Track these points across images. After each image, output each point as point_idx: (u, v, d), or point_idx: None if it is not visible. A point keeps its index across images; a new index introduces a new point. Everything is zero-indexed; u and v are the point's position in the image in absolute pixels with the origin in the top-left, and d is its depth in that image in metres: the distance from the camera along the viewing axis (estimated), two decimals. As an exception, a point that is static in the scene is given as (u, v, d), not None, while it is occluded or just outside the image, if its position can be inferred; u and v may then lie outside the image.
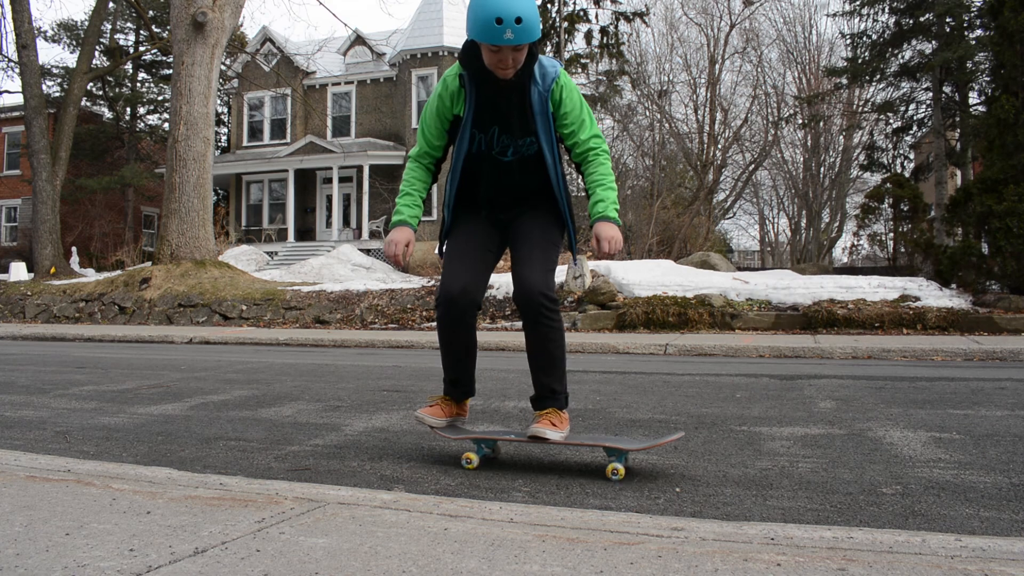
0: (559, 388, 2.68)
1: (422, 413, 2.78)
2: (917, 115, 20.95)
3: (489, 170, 2.69)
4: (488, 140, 2.63)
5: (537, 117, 2.57)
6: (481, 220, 2.78)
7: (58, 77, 28.71)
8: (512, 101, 2.57)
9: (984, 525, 2.01)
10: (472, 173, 2.69)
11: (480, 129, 2.62)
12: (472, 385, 2.84)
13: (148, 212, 32.39)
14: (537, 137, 2.60)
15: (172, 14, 14.26)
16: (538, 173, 2.68)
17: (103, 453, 3.00)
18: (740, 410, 3.89)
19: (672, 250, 21.35)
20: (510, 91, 2.55)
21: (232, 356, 7.58)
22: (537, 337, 2.65)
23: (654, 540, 1.68)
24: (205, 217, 14.14)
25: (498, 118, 2.60)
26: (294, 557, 1.57)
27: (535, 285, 2.59)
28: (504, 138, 2.63)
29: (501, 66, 2.44)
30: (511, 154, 2.65)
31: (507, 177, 2.70)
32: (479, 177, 2.71)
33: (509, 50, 2.39)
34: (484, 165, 2.68)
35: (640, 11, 24.22)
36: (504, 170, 2.68)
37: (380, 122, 26.94)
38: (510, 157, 2.65)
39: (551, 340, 2.64)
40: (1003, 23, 10.58)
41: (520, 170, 2.68)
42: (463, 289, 2.63)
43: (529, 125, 2.59)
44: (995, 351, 6.67)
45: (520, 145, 2.64)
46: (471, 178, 2.71)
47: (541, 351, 2.67)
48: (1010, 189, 9.96)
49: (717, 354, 7.22)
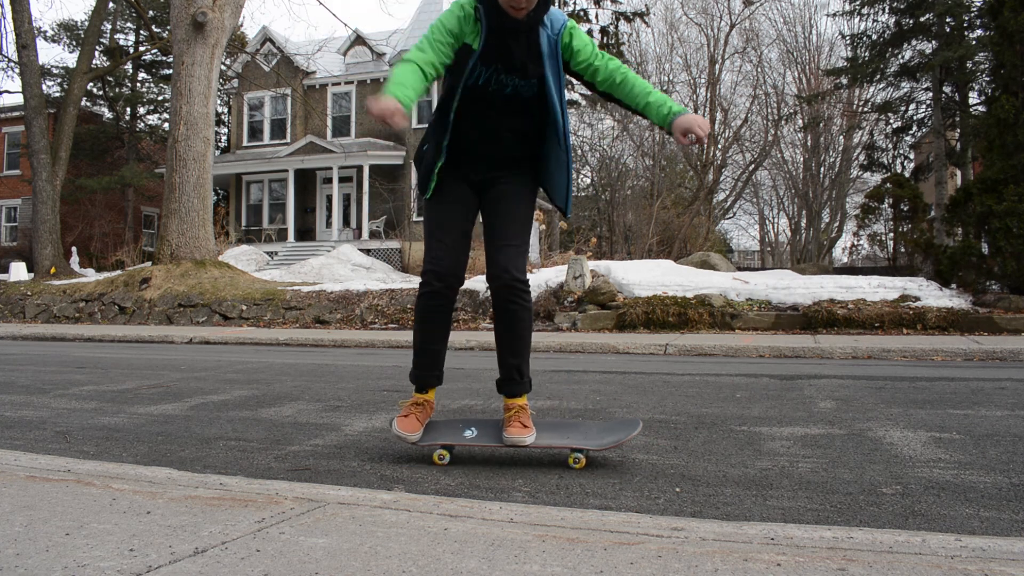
0: (525, 370, 2.72)
1: (399, 431, 2.71)
2: (917, 115, 20.97)
3: (484, 109, 2.62)
4: (488, 76, 2.58)
5: (546, 59, 2.57)
6: (461, 182, 2.71)
7: (58, 77, 28.72)
8: (520, 41, 2.56)
9: (984, 525, 2.01)
10: (465, 112, 2.60)
11: (485, 64, 2.57)
12: (442, 374, 2.81)
13: (148, 212, 32.39)
14: (544, 78, 2.58)
15: (172, 14, 14.26)
16: (530, 115, 2.65)
17: (103, 453, 3.00)
18: (740, 410, 3.89)
19: (672, 250, 21.36)
20: (519, 32, 2.54)
21: (232, 356, 7.58)
22: (508, 319, 2.66)
23: (654, 540, 1.68)
24: (205, 217, 14.14)
25: (503, 56, 2.56)
26: (294, 557, 1.57)
27: (508, 267, 2.61)
28: (504, 77, 2.59)
29: (515, 4, 2.45)
30: (510, 91, 2.61)
31: (500, 117, 2.63)
32: (471, 117, 2.62)
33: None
34: (479, 103, 2.60)
35: (640, 11, 24.26)
36: (499, 109, 2.62)
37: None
38: (509, 92, 2.61)
39: (521, 320, 2.67)
40: (1003, 23, 10.58)
41: (513, 111, 2.63)
42: (452, 265, 2.62)
43: (534, 67, 2.58)
44: (995, 351, 6.67)
45: (520, 85, 2.60)
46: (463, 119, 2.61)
47: (511, 332, 2.68)
48: (1010, 189, 9.96)
49: (717, 354, 7.22)
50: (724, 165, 32.05)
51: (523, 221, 2.71)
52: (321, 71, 26.99)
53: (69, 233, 24.73)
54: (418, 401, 2.77)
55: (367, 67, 27.37)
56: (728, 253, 35.11)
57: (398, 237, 23.39)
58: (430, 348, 2.75)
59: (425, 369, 2.77)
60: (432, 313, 2.70)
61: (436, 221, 2.71)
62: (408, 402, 2.80)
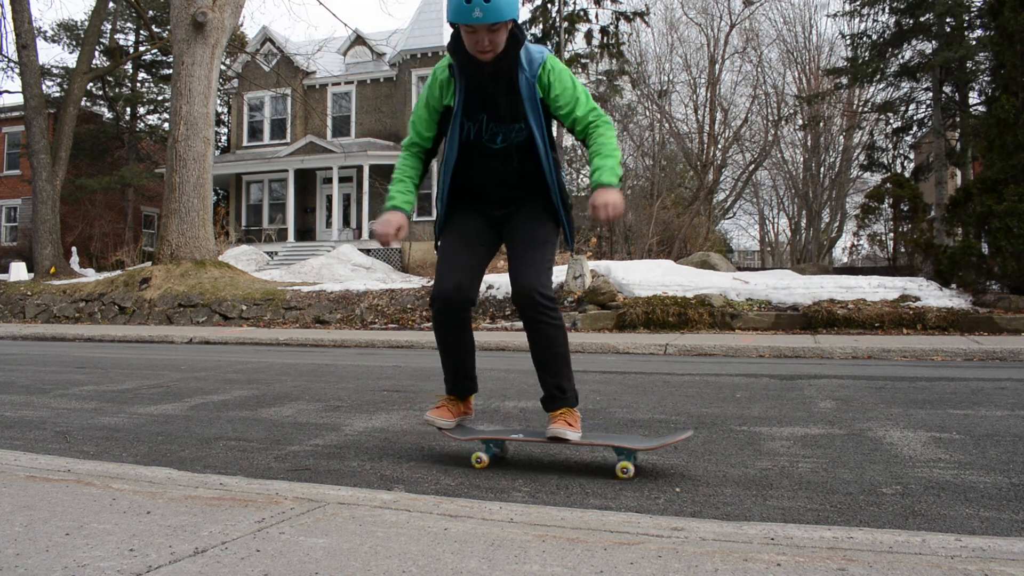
0: (567, 386, 2.67)
1: (431, 416, 2.78)
2: (917, 115, 20.96)
3: (481, 159, 2.68)
4: (477, 129, 2.63)
5: (526, 103, 2.57)
6: (475, 215, 2.77)
7: (58, 77, 28.71)
8: (499, 87, 2.57)
9: (984, 525, 2.01)
10: (465, 164, 2.69)
11: (470, 118, 2.62)
12: (474, 382, 2.86)
13: (148, 212, 32.39)
14: (527, 122, 2.60)
15: (172, 14, 14.25)
16: (530, 161, 2.67)
17: (103, 453, 3.00)
18: (740, 410, 3.89)
19: (672, 250, 21.34)
20: (497, 77, 2.56)
21: (232, 356, 7.58)
22: (538, 337, 2.65)
23: (654, 540, 1.68)
24: (205, 217, 14.14)
25: (487, 106, 2.60)
26: (294, 557, 1.57)
27: (531, 284, 2.59)
28: (493, 125, 2.62)
29: (479, 48, 2.45)
30: (500, 141, 2.64)
31: (499, 165, 2.68)
32: (472, 168, 2.70)
33: (484, 30, 2.39)
34: (475, 154, 2.67)
35: (640, 11, 24.24)
36: (496, 157, 2.67)
37: (380, 122, 26.94)
38: (500, 144, 2.65)
39: (552, 338, 2.63)
40: (1003, 23, 10.58)
41: (511, 158, 2.67)
42: (456, 286, 2.63)
43: (518, 110, 2.59)
44: (995, 351, 6.67)
45: (509, 131, 2.63)
46: (464, 170, 2.70)
47: (543, 350, 2.67)
48: (1010, 189, 9.96)
49: (717, 354, 7.22)
50: (724, 165, 32.03)
51: (544, 241, 2.70)
52: (321, 71, 27.00)
53: (69, 233, 24.73)
54: (452, 399, 2.83)
55: (367, 67, 27.38)
56: (728, 253, 35.08)
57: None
58: (447, 363, 2.80)
59: (450, 383, 2.83)
60: (440, 333, 2.74)
61: (445, 247, 2.76)
62: (443, 397, 2.86)
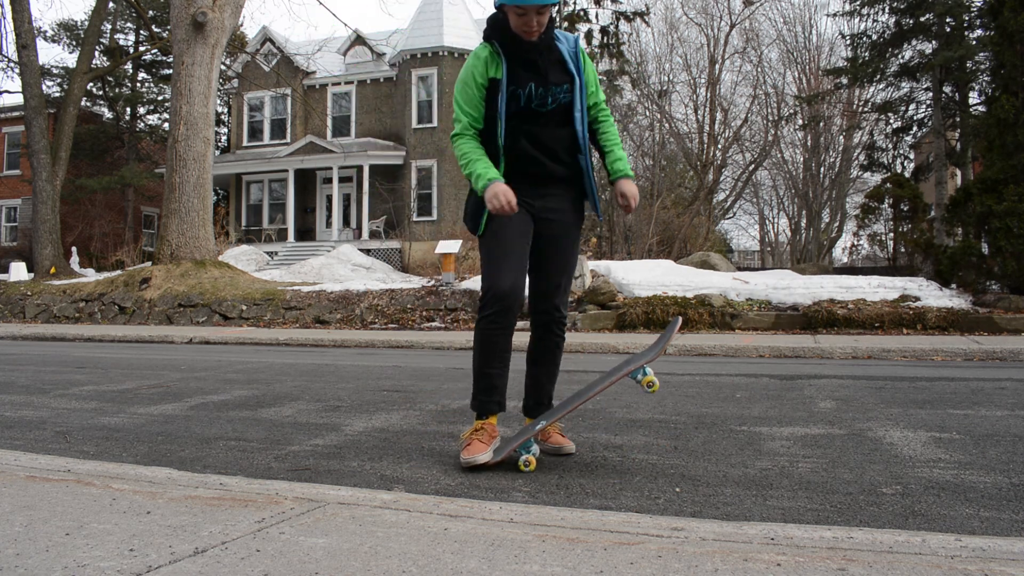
0: (553, 394, 2.92)
1: (467, 457, 2.60)
2: (917, 115, 20.94)
3: (529, 128, 2.66)
4: (527, 95, 2.64)
5: (569, 63, 2.69)
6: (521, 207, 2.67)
7: (58, 77, 28.70)
8: (543, 55, 2.65)
9: (984, 525, 2.01)
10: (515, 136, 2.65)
11: (518, 84, 2.63)
12: (504, 397, 2.75)
13: (148, 212, 32.38)
14: (572, 83, 2.68)
15: (172, 14, 14.25)
16: (572, 124, 2.72)
17: (103, 453, 3.00)
18: (740, 410, 3.89)
19: (672, 250, 21.33)
20: (538, 50, 2.64)
21: (232, 356, 7.58)
22: (548, 348, 2.84)
23: (654, 540, 1.68)
24: (205, 217, 14.14)
25: (532, 72, 2.64)
26: (294, 557, 1.57)
27: (559, 306, 2.80)
28: (540, 90, 2.65)
29: (527, 28, 2.56)
30: (551, 103, 2.67)
31: (545, 132, 2.68)
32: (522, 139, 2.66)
33: (534, 12, 2.53)
34: (524, 124, 2.66)
35: (640, 11, 24.20)
36: (544, 123, 2.67)
37: (380, 122, 26.93)
38: (550, 106, 2.67)
39: (559, 351, 2.87)
40: (1003, 23, 10.58)
41: (557, 122, 2.69)
42: (513, 285, 2.60)
43: (562, 72, 2.67)
44: (995, 351, 6.67)
45: (557, 92, 2.67)
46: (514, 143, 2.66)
47: (550, 362, 2.85)
48: (1010, 189, 9.96)
49: (717, 354, 7.22)
50: (724, 165, 32.01)
51: (573, 263, 2.85)
52: (321, 71, 26.98)
53: (69, 233, 24.72)
54: (477, 427, 2.70)
55: (367, 67, 27.35)
56: (728, 253, 35.07)
57: (398, 237, 23.39)
58: (485, 372, 2.70)
59: (483, 394, 2.71)
60: (489, 335, 2.66)
61: (498, 242, 2.66)
62: (467, 432, 2.73)
